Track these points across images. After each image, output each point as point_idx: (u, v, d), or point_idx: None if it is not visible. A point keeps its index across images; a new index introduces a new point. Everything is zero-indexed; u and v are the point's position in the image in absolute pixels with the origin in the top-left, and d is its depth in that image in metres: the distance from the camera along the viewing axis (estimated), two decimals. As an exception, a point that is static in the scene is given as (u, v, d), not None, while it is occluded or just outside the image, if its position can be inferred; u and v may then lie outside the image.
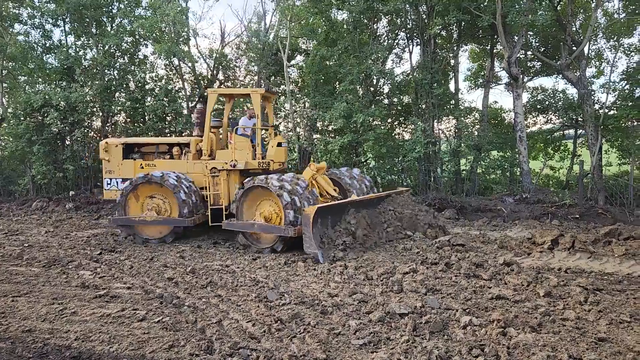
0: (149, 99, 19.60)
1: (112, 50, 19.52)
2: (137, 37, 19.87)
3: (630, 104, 16.22)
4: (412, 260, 8.81)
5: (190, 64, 20.06)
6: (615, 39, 17.38)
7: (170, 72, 20.30)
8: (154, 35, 19.12)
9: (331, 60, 17.58)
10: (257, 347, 5.37)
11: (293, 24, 18.52)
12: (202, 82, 20.44)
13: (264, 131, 13.13)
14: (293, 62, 20.68)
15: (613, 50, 17.74)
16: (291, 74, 20.11)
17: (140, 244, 11.15)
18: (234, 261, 9.44)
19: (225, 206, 11.25)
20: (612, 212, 13.54)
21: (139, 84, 19.57)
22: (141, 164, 12.29)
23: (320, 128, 18.82)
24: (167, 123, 19.83)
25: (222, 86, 21.02)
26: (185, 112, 19.60)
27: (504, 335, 5.40)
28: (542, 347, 5.02)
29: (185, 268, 8.74)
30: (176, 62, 19.79)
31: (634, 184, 15.88)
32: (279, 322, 6.03)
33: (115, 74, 19.82)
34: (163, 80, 19.94)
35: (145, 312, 6.41)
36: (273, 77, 20.30)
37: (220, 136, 12.72)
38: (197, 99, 20.03)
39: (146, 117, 19.60)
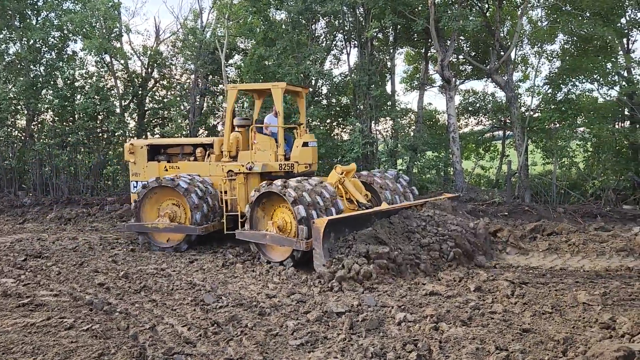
0: (78, 97, 18.73)
1: (37, 45, 18.51)
2: (66, 31, 18.95)
3: (553, 107, 17.21)
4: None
5: (122, 61, 19.36)
6: (539, 45, 18.35)
7: (102, 70, 19.48)
8: (84, 30, 18.29)
9: (270, 60, 17.51)
10: (192, 352, 5.26)
11: (231, 22, 18.29)
12: (135, 80, 19.78)
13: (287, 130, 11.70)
14: (231, 61, 20.42)
15: (537, 55, 18.74)
16: (229, 73, 19.85)
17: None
18: (170, 264, 9.21)
19: (242, 213, 10.12)
20: (537, 209, 14.29)
21: (68, 81, 18.66)
22: (165, 167, 11.55)
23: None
24: (98, 122, 19.05)
25: (157, 85, 20.45)
26: (118, 110, 18.90)
27: (437, 330, 5.58)
28: (472, 340, 5.22)
29: (118, 273, 8.43)
30: (108, 59, 19.03)
31: (556, 183, 16.88)
32: (215, 325, 5.94)
33: (42, 70, 18.80)
34: (94, 78, 19.09)
35: (73, 320, 6.11)
36: (211, 76, 19.96)
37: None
38: (130, 98, 19.37)
39: (76, 116, 18.73)
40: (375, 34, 17.35)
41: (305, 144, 10.71)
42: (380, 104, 17.71)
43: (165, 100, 20.12)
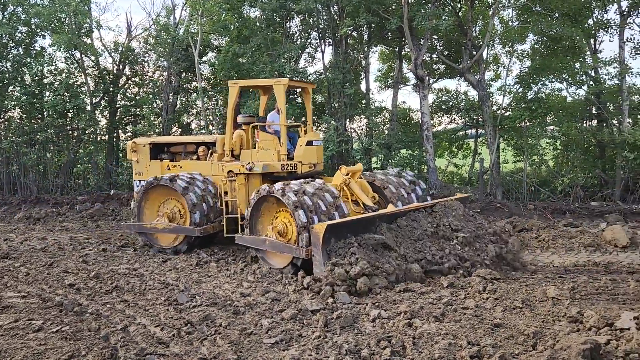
0: (47, 94, 18.30)
1: (4, 41, 18.01)
2: (34, 27, 18.48)
3: (524, 105, 17.57)
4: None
5: (93, 58, 18.98)
6: (510, 45, 18.71)
7: (72, 66, 19.07)
8: (53, 25, 17.87)
9: (244, 57, 17.41)
10: (165, 352, 5.20)
11: (204, 19, 18.11)
12: (107, 77, 19.43)
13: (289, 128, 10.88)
14: (205, 58, 20.23)
15: (508, 55, 19.11)
16: (203, 71, 19.66)
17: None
18: (143, 264, 9.08)
19: (242, 215, 9.56)
20: (509, 206, 14.57)
21: (36, 78, 18.22)
22: (168, 165, 11.07)
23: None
24: (68, 120, 18.65)
25: (129, 82, 20.12)
26: (88, 108, 18.53)
27: (410, 326, 5.63)
28: (445, 335, 5.28)
29: (89, 273, 8.25)
30: (78, 55, 18.63)
31: (527, 180, 17.22)
32: (189, 325, 5.88)
33: (9, 66, 18.30)
34: (63, 75, 18.69)
35: (42, 321, 5.97)
36: (184, 73, 19.73)
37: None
38: (101, 95, 19.01)
39: (45, 113, 18.30)
40: (349, 32, 17.40)
41: (309, 143, 10.10)
42: (354, 102, 17.80)
43: (137, 97, 19.82)
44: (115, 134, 20.21)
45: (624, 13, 16.27)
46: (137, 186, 11.20)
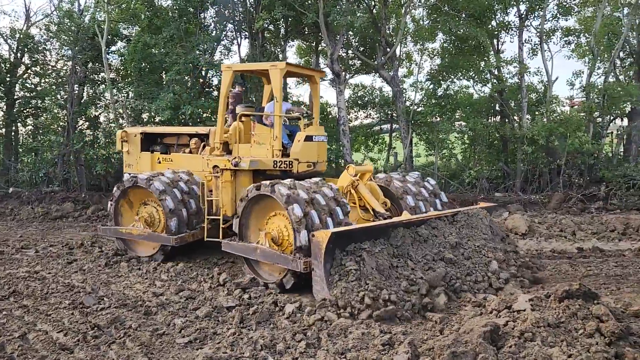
0: None
1: None
2: None
3: (434, 101, 18.35)
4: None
5: (-14, 44, 17.46)
6: (421, 43, 19.45)
7: (-39, 52, 17.43)
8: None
9: (156, 48, 16.75)
10: (69, 358, 4.91)
11: (112, 6, 17.19)
12: (2, 65, 17.93)
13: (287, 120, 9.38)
14: (114, 48, 19.20)
15: (419, 53, 19.85)
16: (111, 61, 18.68)
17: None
18: (45, 266, 8.50)
19: (224, 217, 8.29)
20: (421, 198, 15.15)
21: None
22: (159, 158, 10.01)
23: (145, 120, 17.82)
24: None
25: (28, 71, 18.70)
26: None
27: (325, 322, 5.69)
28: (358, 326, 5.41)
29: (-18, 278, 7.62)
30: (-32, 40, 17.06)
31: (438, 173, 18.04)
32: (96, 328, 5.59)
33: None
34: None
35: None
36: (91, 63, 18.60)
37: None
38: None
39: None
40: (266, 26, 17.28)
41: (309, 138, 8.69)
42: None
43: (38, 88, 18.46)
44: (13, 128, 18.73)
45: (523, 16, 17.44)
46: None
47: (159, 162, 10.02)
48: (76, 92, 17.94)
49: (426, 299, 6.04)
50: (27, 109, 18.68)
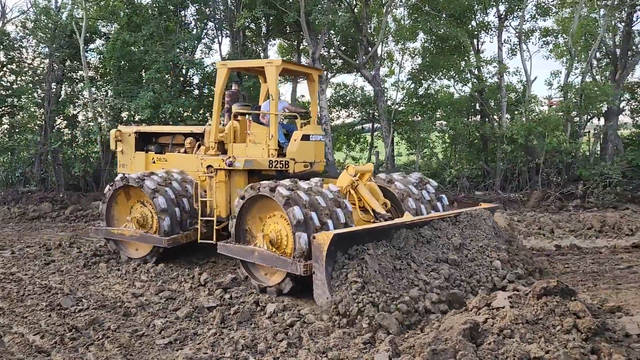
0: None
1: None
2: None
3: (415, 101, 18.46)
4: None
5: (-41, 41, 17.05)
6: (402, 42, 19.55)
7: None
8: None
9: (136, 46, 16.56)
10: (46, 361, 4.83)
11: (90, 3, 16.95)
12: (-23, 62, 17.56)
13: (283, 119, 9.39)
14: (92, 45, 18.93)
15: (401, 52, 19.95)
16: (90, 59, 18.41)
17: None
18: (22, 267, 8.35)
19: (218, 218, 8.01)
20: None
21: None
22: (153, 158, 9.83)
23: (125, 118, 17.61)
24: None
25: (4, 69, 18.30)
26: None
27: (306, 322, 5.69)
28: (340, 326, 5.41)
29: (-44, 281, 7.46)
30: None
31: (419, 172, 18.14)
32: (73, 330, 5.51)
33: None
34: None
35: None
36: (68, 61, 18.32)
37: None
38: None
39: None
40: (247, 24, 17.20)
41: (305, 137, 8.59)
42: (254, 94, 17.61)
43: (14, 86, 18.09)
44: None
45: (502, 16, 17.64)
46: None
47: (154, 162, 9.90)
48: (54, 90, 17.66)
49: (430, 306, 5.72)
50: (3, 107, 18.29)
